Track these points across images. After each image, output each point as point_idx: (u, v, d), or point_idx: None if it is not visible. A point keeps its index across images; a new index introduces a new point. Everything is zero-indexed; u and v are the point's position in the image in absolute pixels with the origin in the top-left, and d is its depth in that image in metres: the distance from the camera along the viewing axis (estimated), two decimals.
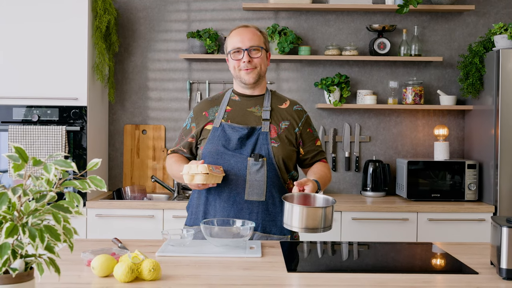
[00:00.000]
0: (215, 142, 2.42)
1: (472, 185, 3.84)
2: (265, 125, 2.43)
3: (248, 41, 2.44)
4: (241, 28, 2.49)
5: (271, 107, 2.48)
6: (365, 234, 3.61)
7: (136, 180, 4.19)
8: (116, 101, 4.22)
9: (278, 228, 2.39)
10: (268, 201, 2.38)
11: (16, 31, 3.66)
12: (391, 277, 1.82)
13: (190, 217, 2.50)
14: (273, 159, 2.39)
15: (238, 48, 2.44)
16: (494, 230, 1.82)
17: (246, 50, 2.42)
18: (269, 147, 2.39)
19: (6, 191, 1.25)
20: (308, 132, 2.52)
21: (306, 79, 4.22)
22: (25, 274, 1.30)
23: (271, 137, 2.41)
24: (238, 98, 2.51)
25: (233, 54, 2.45)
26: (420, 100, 4.09)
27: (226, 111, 2.48)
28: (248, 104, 2.49)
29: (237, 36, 2.46)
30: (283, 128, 2.45)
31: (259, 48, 2.45)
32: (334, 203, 2.16)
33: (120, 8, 4.20)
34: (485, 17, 4.23)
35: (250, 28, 2.49)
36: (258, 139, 2.40)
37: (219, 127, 2.44)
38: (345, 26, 4.23)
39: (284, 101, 2.55)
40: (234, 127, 2.42)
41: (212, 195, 2.41)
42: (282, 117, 2.48)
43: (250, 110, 2.48)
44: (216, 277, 1.78)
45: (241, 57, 2.44)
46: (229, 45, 2.48)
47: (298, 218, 2.06)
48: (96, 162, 1.40)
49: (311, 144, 2.52)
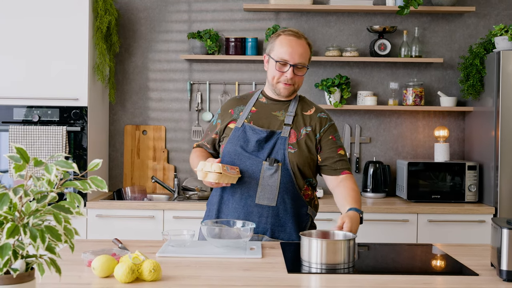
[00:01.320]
0: (235, 142, 2.40)
1: (472, 186, 3.84)
2: (286, 129, 2.39)
3: (298, 57, 2.36)
4: (294, 38, 2.39)
5: (295, 113, 2.44)
6: (365, 235, 3.60)
7: (136, 180, 4.19)
8: (117, 101, 4.23)
9: (287, 234, 2.37)
10: (279, 207, 2.35)
11: (17, 31, 3.67)
12: (391, 278, 1.82)
13: (208, 214, 2.51)
14: (288, 165, 2.35)
15: (286, 61, 2.36)
16: (495, 231, 1.82)
17: (293, 66, 2.36)
18: (285, 153, 2.35)
19: (7, 192, 1.25)
20: (329, 139, 2.44)
21: (306, 80, 4.22)
22: (26, 274, 1.30)
23: (290, 143, 2.37)
24: (265, 101, 2.48)
25: (279, 65, 2.37)
26: (420, 101, 4.09)
27: (251, 112, 2.46)
28: (274, 107, 2.46)
29: (288, 47, 2.37)
30: (303, 134, 2.41)
31: (305, 67, 2.40)
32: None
33: (120, 8, 4.21)
34: (486, 18, 4.23)
35: (301, 40, 2.40)
36: (276, 144, 2.37)
37: (241, 127, 2.42)
38: (345, 27, 4.24)
39: (310, 107, 2.49)
40: (255, 129, 2.39)
41: (226, 194, 2.42)
42: (305, 123, 2.43)
43: (275, 113, 2.44)
44: (217, 278, 1.78)
45: (285, 70, 2.37)
46: (277, 52, 2.38)
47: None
48: (97, 162, 1.40)
49: (331, 151, 2.43)
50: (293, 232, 2.37)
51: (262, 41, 4.21)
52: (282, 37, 2.40)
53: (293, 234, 2.37)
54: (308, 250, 1.93)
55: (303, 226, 2.42)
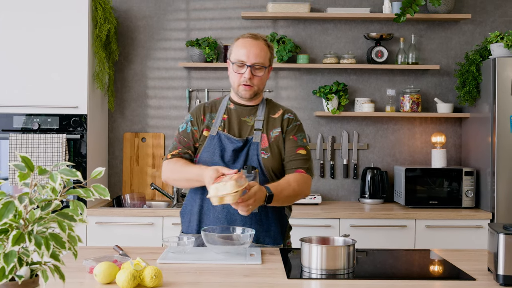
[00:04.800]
0: (211, 151, 2.39)
1: (469, 192, 3.87)
2: (257, 135, 2.40)
3: (254, 57, 2.36)
4: (250, 39, 2.39)
5: (264, 117, 2.44)
6: (363, 241, 3.62)
7: (135, 187, 4.21)
8: (116, 109, 4.25)
9: (271, 238, 2.39)
10: (261, 213, 2.36)
11: (17, 40, 3.69)
12: (390, 283, 1.84)
13: (187, 224, 2.46)
14: (264, 170, 2.36)
15: (242, 62, 2.37)
16: (491, 237, 1.84)
17: (250, 67, 2.36)
18: (259, 158, 2.36)
19: (13, 200, 1.27)
20: (290, 139, 2.43)
21: (304, 87, 4.25)
22: (31, 281, 1.32)
23: (262, 147, 2.38)
24: (234, 107, 2.48)
25: (236, 67, 2.39)
26: (417, 107, 4.12)
27: (223, 119, 2.45)
28: (243, 113, 2.46)
29: (243, 48, 2.37)
30: (273, 137, 2.42)
31: (263, 67, 2.38)
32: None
33: (119, 17, 4.23)
34: (482, 25, 4.27)
35: (258, 41, 2.39)
36: (250, 150, 2.37)
37: (216, 135, 2.41)
38: (343, 35, 4.27)
39: (278, 110, 2.50)
40: (230, 138, 2.39)
41: (207, 204, 2.38)
42: (274, 125, 2.44)
43: (244, 119, 2.45)
44: (217, 284, 1.80)
45: (243, 71, 2.38)
46: (234, 54, 2.40)
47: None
48: (100, 171, 1.42)
49: (290, 151, 2.41)
50: (277, 235, 2.40)
51: None
52: (239, 40, 2.41)
53: (277, 237, 2.40)
54: (308, 256, 1.95)
55: (285, 228, 2.45)
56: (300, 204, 3.90)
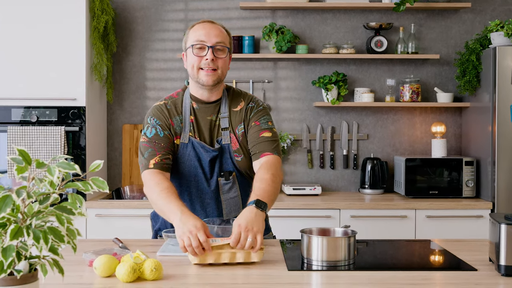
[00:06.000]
0: (188, 162, 2.25)
1: (470, 181, 3.86)
2: (225, 135, 2.25)
3: (214, 37, 2.19)
4: (207, 22, 2.23)
5: (227, 112, 2.28)
6: (363, 231, 3.62)
7: (135, 179, 4.20)
8: (115, 101, 4.23)
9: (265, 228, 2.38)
10: (244, 202, 2.30)
11: (14, 32, 3.67)
12: (390, 274, 1.83)
13: (165, 222, 2.34)
14: (242, 172, 2.28)
15: (203, 42, 2.18)
16: (493, 227, 1.83)
17: (212, 47, 2.18)
18: (234, 161, 2.25)
19: (11, 194, 1.26)
20: (252, 125, 2.26)
21: (303, 78, 4.23)
22: (30, 275, 1.31)
23: (234, 150, 2.25)
24: (197, 106, 2.27)
25: (196, 49, 2.19)
26: (417, 97, 4.11)
27: (190, 122, 2.26)
28: (207, 111, 2.27)
29: (202, 29, 2.20)
30: (240, 135, 2.27)
31: (226, 48, 2.22)
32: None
33: (117, 8, 4.21)
34: (482, 14, 4.25)
35: (216, 25, 2.24)
36: (223, 155, 2.25)
37: (188, 143, 2.24)
38: (342, 25, 4.25)
39: (240, 102, 2.30)
40: (205, 147, 2.23)
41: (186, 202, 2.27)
42: (237, 121, 2.27)
43: (209, 118, 2.27)
44: (217, 276, 1.79)
45: (204, 54, 2.18)
46: (191, 38, 2.21)
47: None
48: (98, 163, 1.41)
49: (254, 137, 2.24)
50: (267, 223, 2.40)
51: (259, 39, 4.21)
52: (195, 25, 2.25)
53: (267, 226, 2.41)
54: (309, 247, 1.95)
55: (268, 224, 2.44)
56: (300, 195, 3.89)
